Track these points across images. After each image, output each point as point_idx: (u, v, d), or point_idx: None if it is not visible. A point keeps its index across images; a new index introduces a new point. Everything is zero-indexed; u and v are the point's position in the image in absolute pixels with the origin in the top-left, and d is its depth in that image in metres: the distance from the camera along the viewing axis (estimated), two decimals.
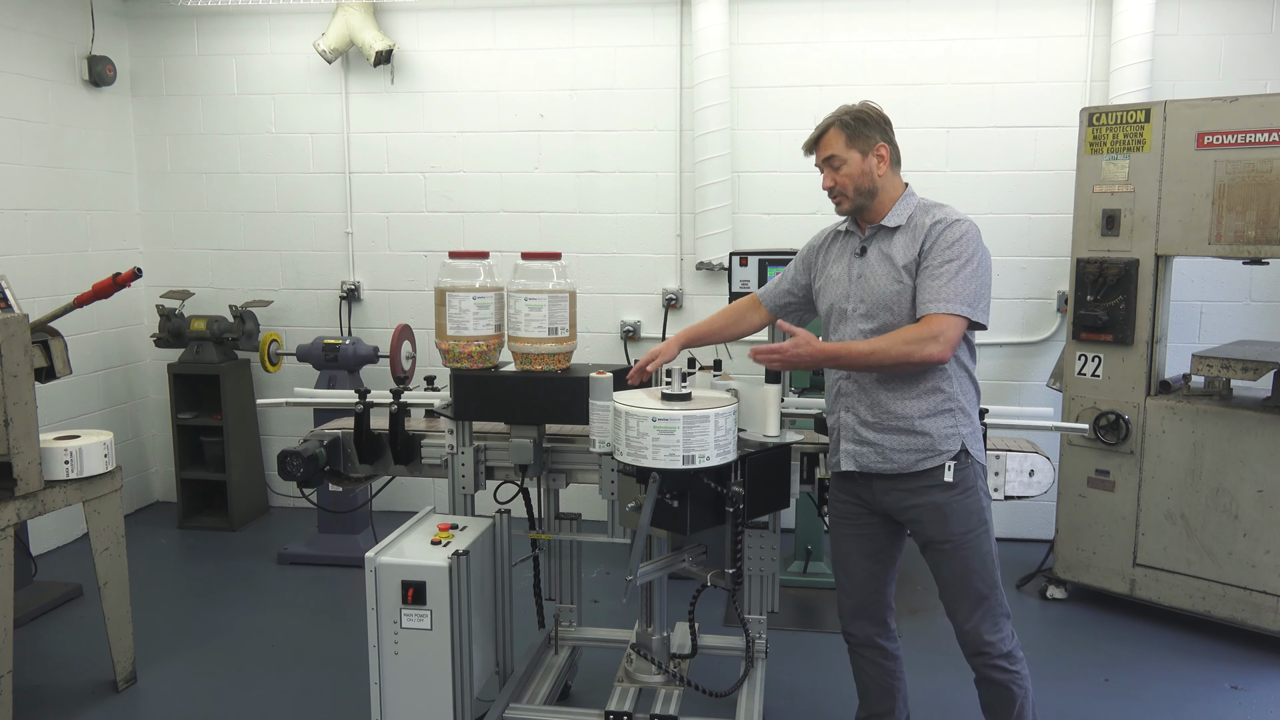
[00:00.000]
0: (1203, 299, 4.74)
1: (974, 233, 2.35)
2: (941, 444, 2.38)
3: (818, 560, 4.47)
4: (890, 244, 2.43)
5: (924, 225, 2.38)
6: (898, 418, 2.40)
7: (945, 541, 2.42)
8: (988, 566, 2.43)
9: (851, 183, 2.45)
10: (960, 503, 2.40)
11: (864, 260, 2.47)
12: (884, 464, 2.44)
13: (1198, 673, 3.59)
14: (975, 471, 2.43)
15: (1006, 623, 2.47)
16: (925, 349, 2.26)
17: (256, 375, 5.45)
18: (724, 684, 2.87)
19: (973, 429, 2.43)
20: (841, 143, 2.45)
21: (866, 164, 2.43)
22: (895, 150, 2.48)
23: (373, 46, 4.97)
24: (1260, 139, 3.56)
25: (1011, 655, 2.47)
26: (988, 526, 2.44)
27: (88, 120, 5.15)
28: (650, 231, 5.11)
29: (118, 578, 3.40)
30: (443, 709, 2.59)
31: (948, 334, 2.27)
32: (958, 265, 2.30)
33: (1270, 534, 3.64)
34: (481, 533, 2.79)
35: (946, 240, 2.33)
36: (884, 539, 2.58)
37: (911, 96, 4.83)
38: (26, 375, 3.06)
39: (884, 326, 2.39)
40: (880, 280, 2.41)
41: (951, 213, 2.40)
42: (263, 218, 5.41)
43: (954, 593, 2.47)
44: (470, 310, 2.81)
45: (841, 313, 2.50)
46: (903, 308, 2.37)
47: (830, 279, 2.56)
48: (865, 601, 2.64)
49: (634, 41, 4.99)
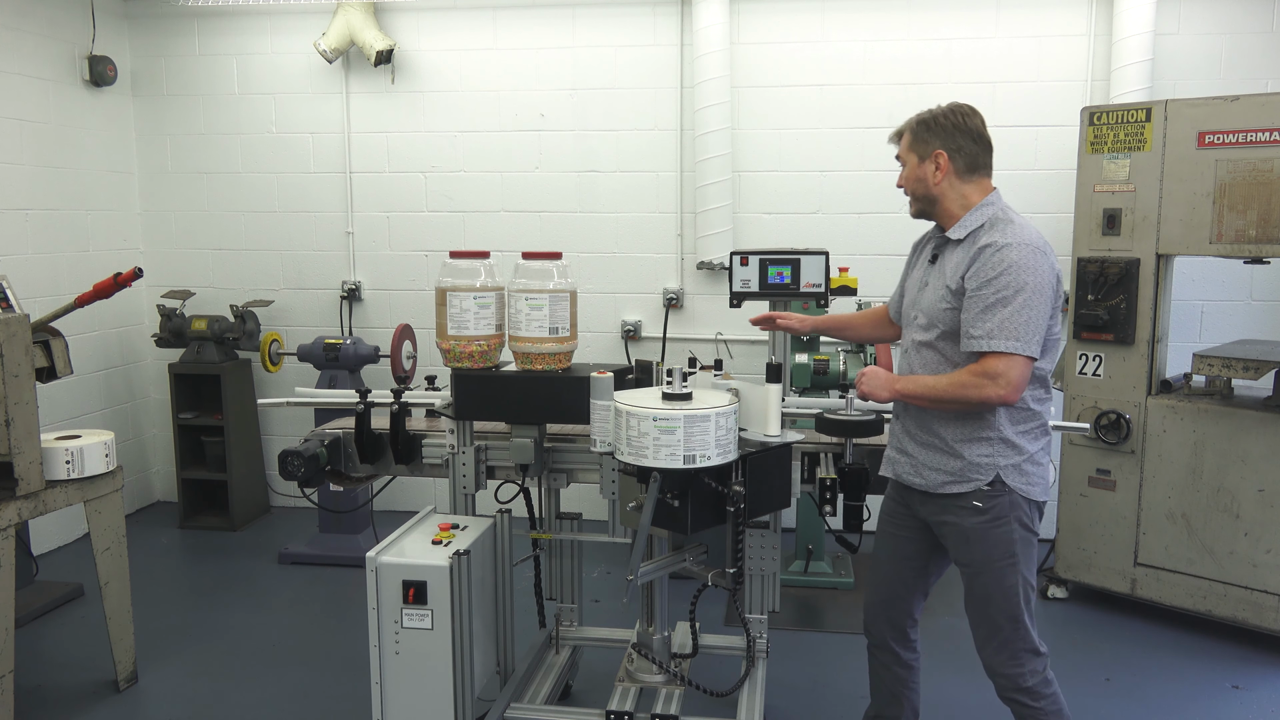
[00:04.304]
0: (1204, 298, 4.73)
1: (1025, 260, 2.21)
2: (973, 471, 2.33)
3: (819, 560, 4.47)
4: (949, 255, 2.37)
5: (978, 244, 2.28)
6: (936, 436, 2.38)
7: (967, 565, 2.42)
8: (1009, 600, 2.36)
9: (909, 186, 2.45)
10: (986, 531, 2.34)
11: (933, 269, 2.43)
12: (916, 478, 2.45)
13: (1199, 672, 3.59)
14: (1013, 504, 2.33)
15: (1031, 659, 2.39)
16: (983, 391, 2.21)
17: (257, 375, 5.45)
18: (725, 684, 2.87)
19: (1017, 461, 2.32)
20: (906, 144, 2.45)
21: (922, 170, 2.40)
22: (968, 158, 2.37)
23: (373, 46, 4.97)
24: (1261, 138, 3.56)
25: (1033, 691, 2.39)
26: (1016, 561, 2.34)
27: (88, 120, 5.15)
28: (651, 231, 5.11)
29: (119, 577, 3.40)
30: (444, 709, 2.59)
31: (1008, 375, 2.19)
32: (1006, 296, 2.20)
33: (1271, 533, 3.64)
34: (482, 532, 2.79)
35: (992, 268, 2.23)
36: (919, 546, 2.57)
37: (912, 96, 4.82)
38: (28, 375, 3.06)
39: (940, 338, 2.36)
40: (934, 295, 2.38)
41: (1008, 235, 2.26)
42: (263, 217, 5.42)
43: (972, 615, 2.46)
44: (471, 310, 2.81)
45: (909, 318, 2.50)
46: (956, 326, 2.31)
47: (910, 279, 2.57)
48: (889, 604, 2.65)
49: (634, 41, 4.99)
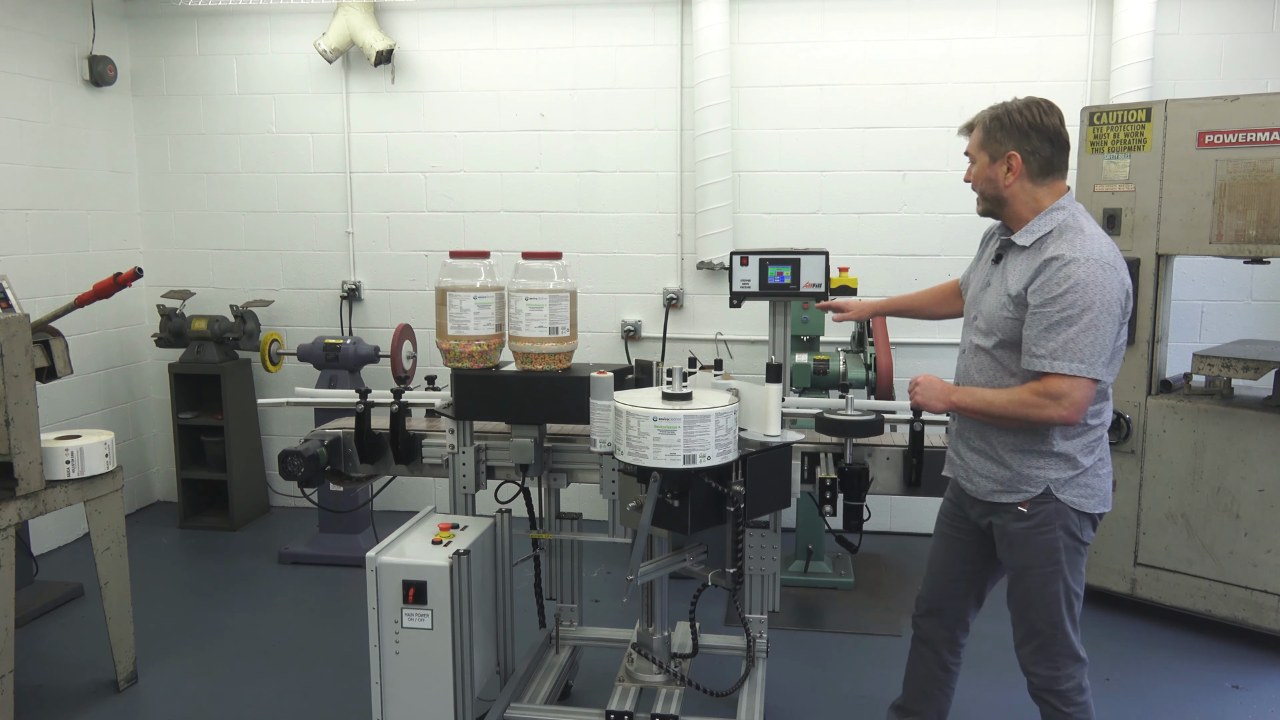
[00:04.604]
0: (1204, 298, 4.73)
1: (1092, 277, 2.13)
2: (1022, 483, 2.31)
3: (819, 560, 4.47)
4: (1014, 262, 2.30)
5: (1044, 255, 2.20)
6: (987, 443, 2.37)
7: (1010, 567, 2.42)
8: (1050, 607, 2.34)
9: (978, 185, 2.38)
10: (1031, 537, 2.33)
11: (996, 270, 2.38)
12: (967, 483, 2.45)
13: (1199, 672, 3.59)
14: (1059, 512, 2.29)
15: (1070, 664, 2.38)
16: (1044, 412, 2.17)
17: (257, 375, 5.45)
18: (725, 683, 2.87)
19: (1071, 475, 2.29)
20: (977, 141, 2.36)
21: (993, 170, 2.31)
22: (1043, 161, 2.28)
23: (373, 46, 4.97)
24: (1261, 138, 3.56)
25: (1066, 696, 2.38)
26: (1061, 569, 2.32)
27: (88, 120, 5.15)
28: (651, 231, 5.11)
29: (119, 577, 3.40)
30: (444, 709, 2.59)
31: (1071, 396, 2.15)
32: (1071, 315, 2.13)
33: (1271, 533, 3.64)
34: (482, 532, 2.79)
35: (1057, 284, 2.15)
36: (974, 547, 2.55)
37: (912, 96, 4.83)
38: (28, 375, 3.06)
39: (997, 347, 2.32)
40: (995, 302, 2.33)
41: (1076, 248, 2.17)
42: (263, 217, 5.42)
43: (1014, 614, 2.46)
44: (471, 310, 2.81)
45: (968, 317, 2.48)
46: (1016, 336, 2.26)
47: (975, 274, 2.54)
48: (941, 603, 2.66)
49: (634, 41, 4.99)
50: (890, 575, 4.57)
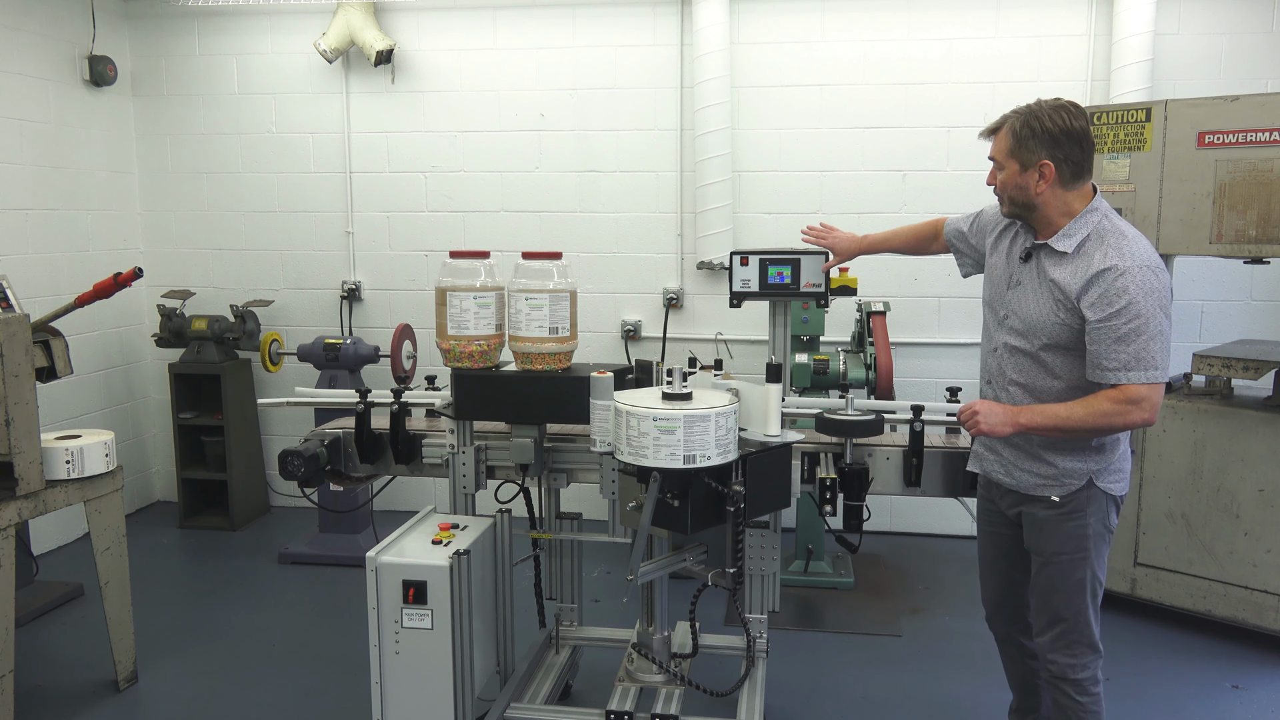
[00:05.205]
0: (1204, 298, 4.74)
1: (1147, 285, 2.16)
2: (1067, 477, 2.34)
3: (819, 560, 4.47)
4: (1057, 268, 2.28)
5: (1093, 264, 2.21)
6: (1027, 440, 2.37)
7: (1038, 553, 2.43)
8: (1075, 593, 2.38)
9: (1006, 192, 2.35)
10: (1061, 524, 2.36)
11: (1025, 269, 2.36)
12: (1006, 478, 2.46)
13: (1199, 672, 3.59)
14: (1091, 498, 2.34)
15: (1087, 654, 2.41)
16: (1129, 418, 2.19)
17: (257, 375, 5.45)
18: (725, 683, 2.87)
19: (1106, 465, 2.34)
20: (1005, 148, 2.32)
21: (1024, 178, 2.29)
22: (1074, 166, 2.26)
23: (373, 46, 4.97)
24: (1261, 138, 3.56)
25: (1081, 685, 2.41)
26: (1087, 555, 2.36)
27: (88, 120, 5.15)
28: (651, 231, 5.11)
29: (119, 577, 3.40)
30: (444, 708, 2.59)
31: (1151, 399, 2.18)
32: (1137, 326, 2.16)
33: (1271, 533, 3.64)
34: (482, 532, 2.79)
35: (1116, 297, 2.17)
36: (1014, 542, 2.56)
37: (912, 96, 4.83)
38: (28, 375, 3.06)
39: (1044, 349, 2.32)
40: (1039, 306, 2.31)
41: (1125, 256, 2.18)
42: (263, 217, 5.42)
43: (1037, 603, 2.48)
44: (471, 310, 2.81)
45: (997, 316, 2.46)
46: (1065, 341, 2.28)
47: (992, 268, 2.51)
48: (1000, 600, 2.69)
49: (634, 41, 4.99)
50: (890, 575, 4.57)
